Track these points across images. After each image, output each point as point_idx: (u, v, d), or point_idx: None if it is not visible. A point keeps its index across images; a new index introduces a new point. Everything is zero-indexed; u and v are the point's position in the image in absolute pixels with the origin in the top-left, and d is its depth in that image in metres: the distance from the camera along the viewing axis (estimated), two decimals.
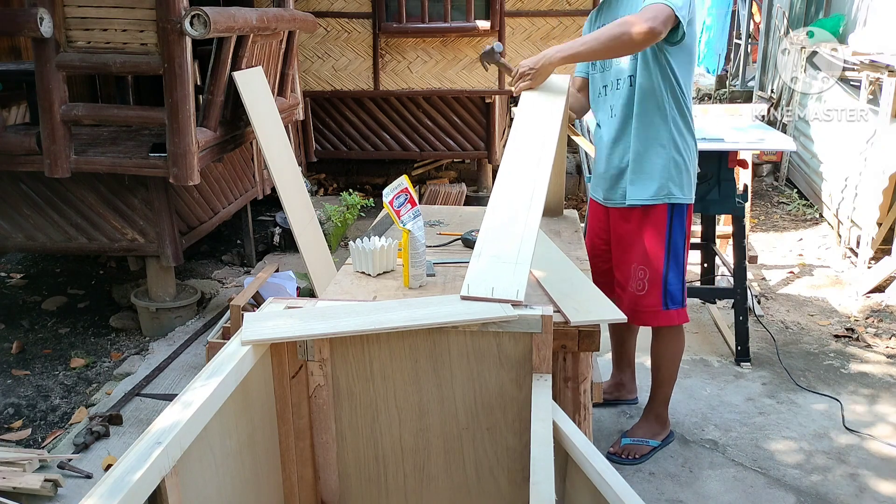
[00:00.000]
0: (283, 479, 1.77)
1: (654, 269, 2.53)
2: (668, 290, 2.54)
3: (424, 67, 5.85)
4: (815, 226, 5.75)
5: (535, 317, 1.63)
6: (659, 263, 2.52)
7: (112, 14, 3.24)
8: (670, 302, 2.56)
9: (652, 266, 2.53)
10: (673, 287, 2.55)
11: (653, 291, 2.54)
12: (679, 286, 2.56)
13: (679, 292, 2.57)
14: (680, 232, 2.53)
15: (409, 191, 1.99)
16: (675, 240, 2.52)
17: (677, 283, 2.55)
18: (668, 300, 2.56)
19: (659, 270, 2.53)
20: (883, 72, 4.52)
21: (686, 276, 2.61)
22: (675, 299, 2.56)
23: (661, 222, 2.50)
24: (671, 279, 2.53)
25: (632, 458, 2.72)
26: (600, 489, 1.37)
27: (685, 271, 2.59)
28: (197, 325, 3.88)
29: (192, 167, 3.33)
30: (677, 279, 2.55)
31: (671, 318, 2.59)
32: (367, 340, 1.68)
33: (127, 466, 1.16)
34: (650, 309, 2.56)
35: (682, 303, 2.59)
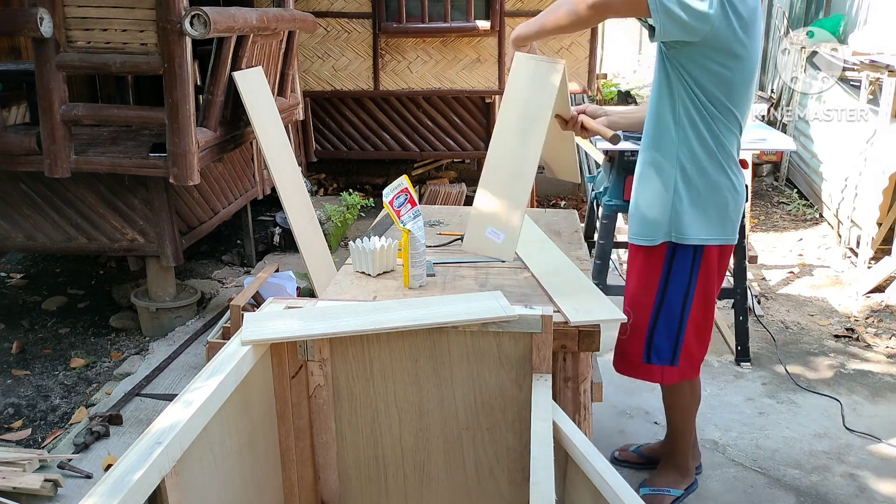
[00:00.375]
0: (283, 479, 1.77)
1: (638, 314, 2.20)
2: (651, 342, 2.21)
3: (424, 67, 5.85)
4: (815, 226, 5.75)
5: (535, 317, 1.63)
6: (645, 310, 2.19)
7: (112, 14, 3.24)
8: (654, 356, 2.22)
9: (637, 311, 2.20)
10: (659, 340, 2.20)
11: (633, 338, 2.23)
12: (668, 341, 2.20)
13: (668, 348, 2.21)
14: (681, 278, 2.14)
15: (410, 191, 1.99)
16: (672, 287, 2.15)
17: (667, 338, 2.19)
18: (650, 353, 2.22)
19: (644, 318, 2.19)
20: (883, 72, 4.52)
21: (696, 331, 2.21)
22: (660, 354, 2.21)
23: (654, 264, 2.15)
24: (659, 329, 2.19)
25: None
26: (600, 489, 1.37)
27: (693, 327, 2.20)
28: (197, 325, 3.88)
29: (192, 167, 3.33)
30: (668, 332, 2.19)
31: (651, 374, 2.26)
32: (367, 340, 1.68)
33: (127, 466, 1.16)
34: (629, 357, 2.27)
35: (672, 361, 2.22)
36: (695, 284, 2.14)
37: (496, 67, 5.83)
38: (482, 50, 5.81)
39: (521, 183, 1.93)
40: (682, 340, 2.20)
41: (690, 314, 2.17)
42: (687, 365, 2.25)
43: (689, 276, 2.14)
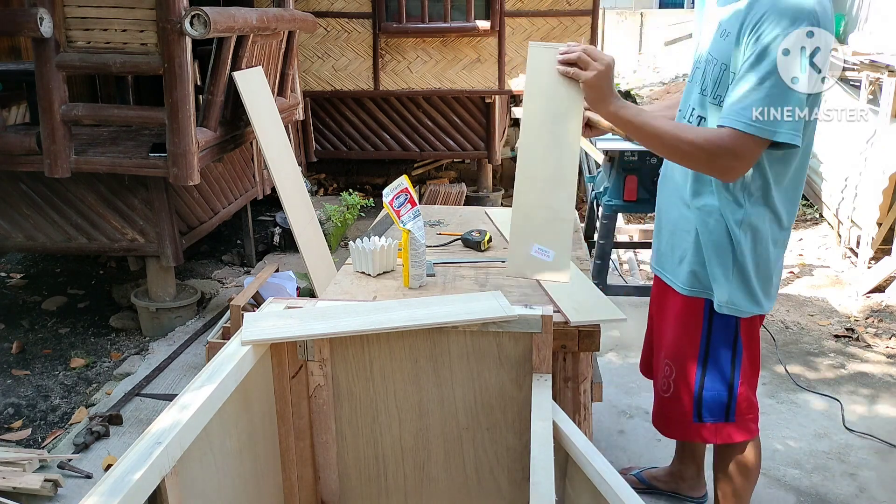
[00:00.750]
0: (283, 479, 1.77)
1: (681, 367, 1.94)
2: (702, 398, 1.93)
3: (424, 67, 5.85)
4: (815, 226, 5.75)
5: (535, 317, 1.63)
6: (690, 363, 1.93)
7: (112, 14, 3.24)
8: (706, 413, 1.93)
9: (679, 363, 1.94)
10: (710, 395, 1.92)
11: (680, 395, 1.95)
12: (721, 395, 1.92)
13: (719, 404, 1.92)
14: (723, 340, 1.89)
15: (410, 191, 1.99)
16: (714, 344, 1.90)
17: (719, 391, 1.92)
18: (701, 410, 1.93)
19: (689, 371, 1.93)
20: (883, 72, 4.52)
21: (746, 381, 1.93)
22: (713, 411, 1.93)
23: (695, 316, 1.90)
24: (708, 385, 1.92)
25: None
26: (600, 489, 1.37)
27: (743, 378, 1.92)
28: (197, 325, 3.88)
29: (192, 167, 3.33)
30: (720, 386, 1.91)
31: (704, 435, 1.96)
32: (367, 340, 1.68)
33: (127, 466, 1.16)
34: (675, 417, 1.99)
35: (727, 417, 1.93)
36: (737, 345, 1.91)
37: (496, 67, 5.84)
38: (482, 50, 5.81)
39: (563, 189, 1.78)
40: (736, 389, 1.91)
41: (742, 362, 1.91)
42: (744, 417, 1.94)
43: (731, 337, 1.90)
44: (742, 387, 1.92)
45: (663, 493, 2.49)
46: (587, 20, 5.76)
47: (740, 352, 1.89)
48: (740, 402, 1.92)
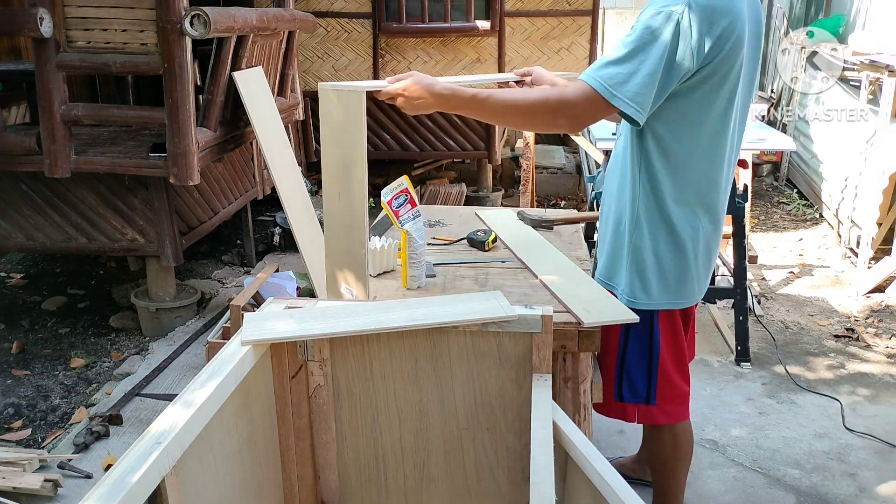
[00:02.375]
0: (283, 479, 1.77)
1: (607, 354, 1.99)
2: (622, 377, 1.99)
3: (424, 67, 5.85)
4: (815, 226, 5.75)
5: (535, 317, 1.63)
6: (612, 349, 1.98)
7: (112, 14, 3.24)
8: (627, 393, 1.99)
9: (605, 351, 1.97)
10: (632, 375, 1.98)
11: (606, 376, 2.01)
12: (641, 377, 1.98)
13: (642, 384, 1.98)
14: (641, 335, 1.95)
15: (410, 191, 1.99)
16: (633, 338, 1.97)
17: (639, 373, 1.97)
18: (623, 390, 2.00)
19: (612, 357, 1.99)
20: (883, 72, 4.52)
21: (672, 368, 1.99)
22: (636, 391, 1.99)
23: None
24: (630, 365, 1.98)
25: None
26: (600, 489, 1.37)
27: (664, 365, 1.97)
28: (197, 325, 3.88)
29: (192, 167, 3.33)
30: (640, 368, 1.97)
31: (625, 413, 2.03)
32: (367, 340, 1.68)
33: (127, 466, 1.16)
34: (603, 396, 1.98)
35: (648, 399, 1.99)
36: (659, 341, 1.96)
37: (496, 67, 5.84)
38: (482, 50, 5.81)
39: (357, 233, 1.83)
40: (655, 374, 1.97)
41: (661, 353, 1.96)
42: (667, 402, 2.00)
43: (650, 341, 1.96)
44: (662, 372, 1.96)
45: (631, 480, 2.43)
46: (587, 20, 5.76)
47: (657, 342, 1.94)
48: (661, 386, 1.97)
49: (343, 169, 1.81)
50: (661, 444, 2.13)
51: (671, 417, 2.04)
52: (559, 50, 5.77)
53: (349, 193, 1.82)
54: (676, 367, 2.00)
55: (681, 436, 2.12)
